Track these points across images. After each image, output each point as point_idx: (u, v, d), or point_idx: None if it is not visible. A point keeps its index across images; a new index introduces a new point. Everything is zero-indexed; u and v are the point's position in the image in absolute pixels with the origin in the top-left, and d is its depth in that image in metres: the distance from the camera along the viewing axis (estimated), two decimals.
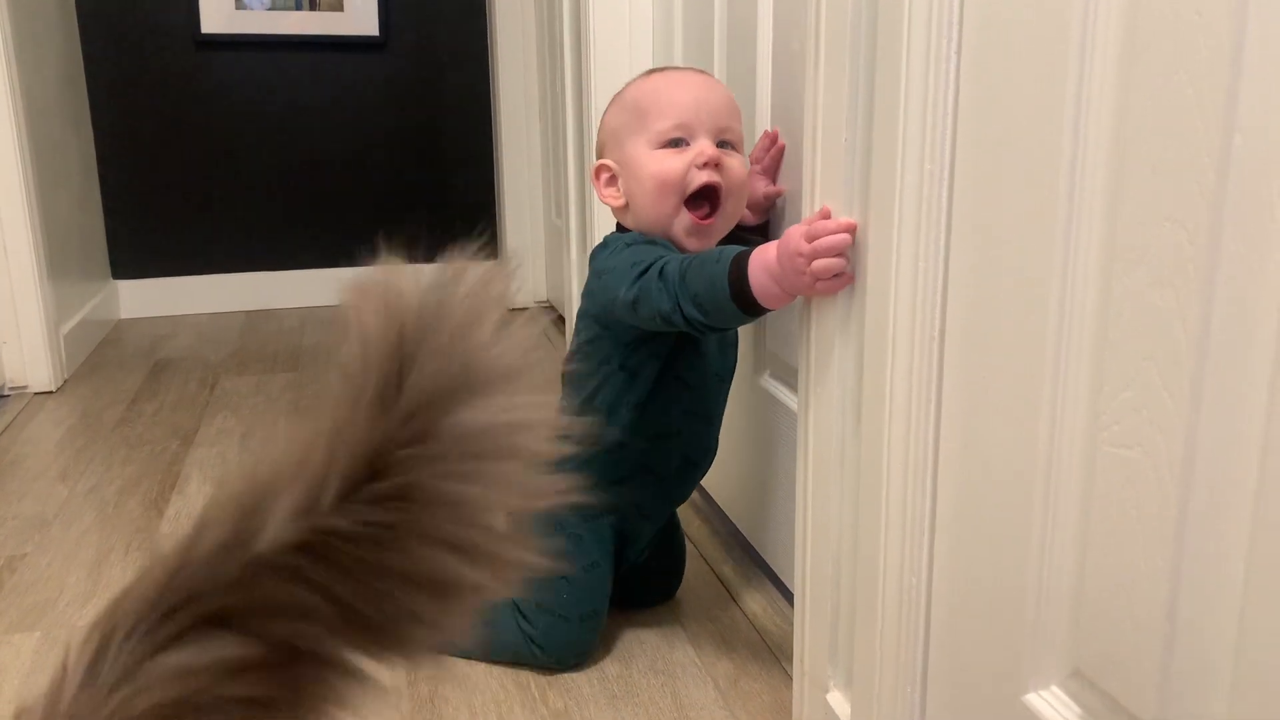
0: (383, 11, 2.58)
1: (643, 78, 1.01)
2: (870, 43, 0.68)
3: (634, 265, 0.90)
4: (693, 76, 0.99)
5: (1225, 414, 0.45)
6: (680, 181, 0.94)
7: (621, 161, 0.98)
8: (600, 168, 1.01)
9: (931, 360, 0.65)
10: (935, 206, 0.63)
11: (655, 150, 0.95)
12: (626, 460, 1.01)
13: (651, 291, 0.87)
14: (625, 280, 0.89)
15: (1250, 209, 0.43)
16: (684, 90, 0.97)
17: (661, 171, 0.94)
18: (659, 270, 0.87)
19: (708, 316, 0.85)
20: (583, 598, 1.01)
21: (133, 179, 2.56)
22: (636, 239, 0.96)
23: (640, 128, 0.97)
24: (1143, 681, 0.51)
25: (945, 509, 0.66)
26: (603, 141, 1.02)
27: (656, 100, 0.97)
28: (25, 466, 1.59)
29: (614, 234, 1.01)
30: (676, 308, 0.85)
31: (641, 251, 0.92)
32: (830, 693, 0.83)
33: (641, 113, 0.97)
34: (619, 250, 0.95)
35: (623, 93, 1.01)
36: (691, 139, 0.95)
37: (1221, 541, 0.46)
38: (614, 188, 1.00)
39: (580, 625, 1.01)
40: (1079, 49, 0.51)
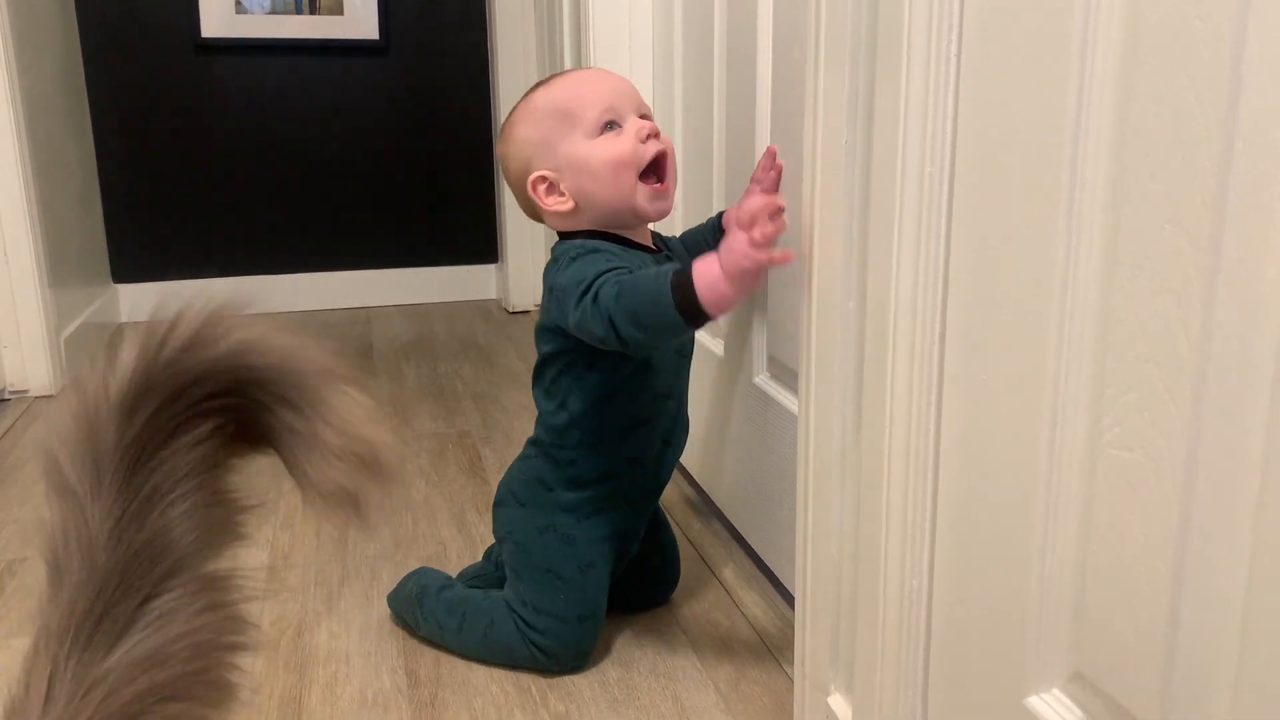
0: (383, 15, 2.58)
1: (541, 90, 1.02)
2: (870, 45, 0.69)
3: (578, 284, 0.91)
4: (590, 71, 1.04)
5: (1227, 417, 0.45)
6: (633, 158, 0.97)
7: (561, 163, 0.99)
8: (536, 180, 1.00)
9: (932, 363, 0.65)
10: (935, 210, 0.63)
11: (595, 140, 0.98)
12: (610, 455, 1.02)
13: (590, 318, 0.89)
14: (571, 299, 0.91)
15: (1251, 213, 0.43)
16: (595, 82, 1.01)
17: (613, 154, 0.97)
18: (594, 295, 0.89)
19: (646, 333, 0.87)
20: (580, 599, 1.02)
21: (133, 183, 2.56)
22: (581, 249, 0.96)
23: (570, 126, 0.98)
24: (1144, 684, 0.51)
25: (946, 512, 0.66)
26: (526, 158, 1.01)
27: (575, 97, 0.99)
28: (25, 470, 1.59)
29: (559, 244, 1.01)
30: (611, 329, 0.87)
31: (585, 266, 0.93)
32: (831, 695, 0.83)
33: (565, 113, 0.98)
34: (565, 266, 0.95)
35: (528, 108, 1.02)
36: (622, 121, 0.99)
37: (1223, 544, 0.46)
38: (557, 194, 1.00)
39: (580, 626, 1.02)
40: (1080, 53, 0.51)
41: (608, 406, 1.00)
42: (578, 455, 1.02)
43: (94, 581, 0.38)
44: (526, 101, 1.03)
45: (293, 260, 2.70)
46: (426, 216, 2.76)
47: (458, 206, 2.78)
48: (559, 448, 1.02)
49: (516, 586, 1.04)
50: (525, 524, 1.04)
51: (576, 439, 1.01)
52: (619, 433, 1.02)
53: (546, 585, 1.02)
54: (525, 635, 1.01)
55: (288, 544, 1.32)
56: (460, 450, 1.66)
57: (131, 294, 2.60)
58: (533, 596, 1.02)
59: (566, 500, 1.03)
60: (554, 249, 1.01)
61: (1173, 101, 0.46)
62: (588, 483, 1.02)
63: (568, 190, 0.99)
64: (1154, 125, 0.47)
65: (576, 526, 1.02)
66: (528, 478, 1.05)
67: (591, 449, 1.02)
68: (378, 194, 2.72)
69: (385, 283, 2.75)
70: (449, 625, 1.06)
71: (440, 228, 2.78)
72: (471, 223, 2.79)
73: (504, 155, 1.05)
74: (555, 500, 1.03)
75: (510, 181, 1.06)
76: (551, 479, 1.03)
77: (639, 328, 0.86)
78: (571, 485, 1.03)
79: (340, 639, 1.10)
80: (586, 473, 1.02)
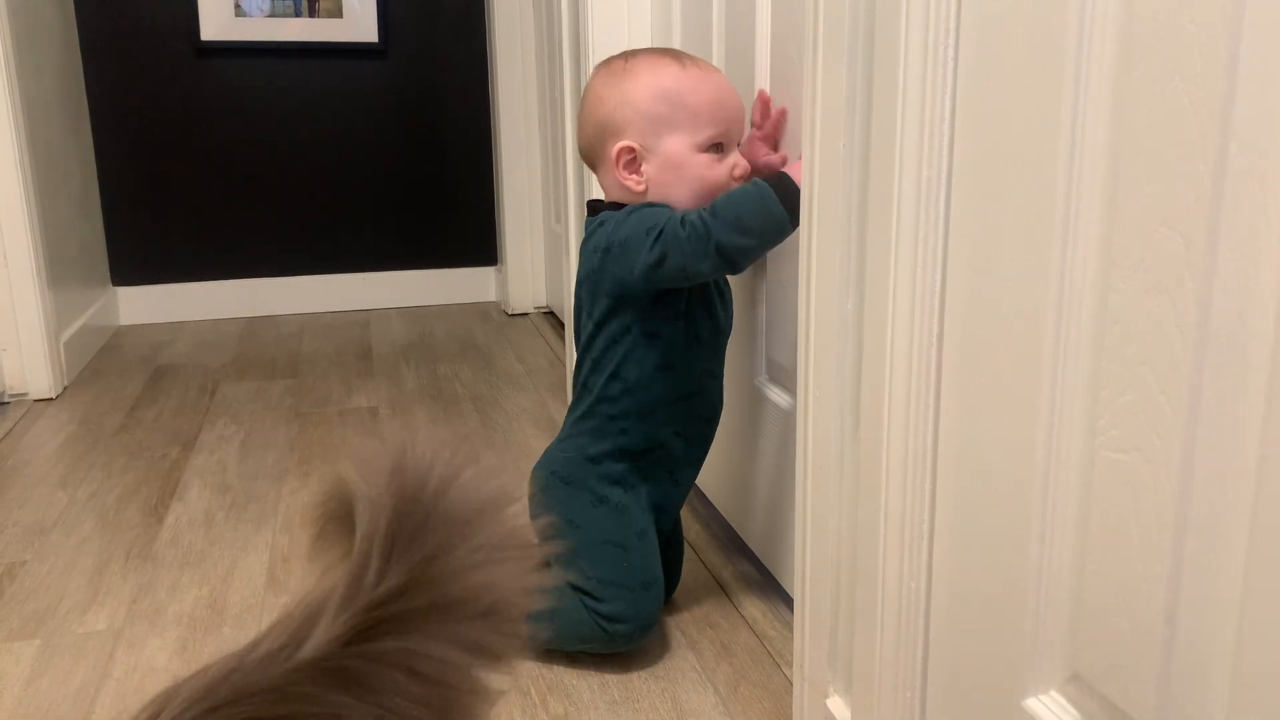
0: (382, 18, 2.59)
1: (676, 68, 0.99)
2: (868, 48, 0.69)
3: (649, 231, 0.94)
4: (719, 76, 1.02)
5: (1222, 418, 0.45)
6: (723, 189, 1.00)
7: (655, 151, 0.99)
8: (624, 149, 0.99)
9: (929, 365, 0.65)
10: (933, 211, 0.63)
11: (700, 154, 0.99)
12: (657, 426, 1.03)
13: (679, 242, 0.92)
14: (644, 245, 0.94)
15: (1246, 216, 0.43)
16: (724, 94, 1.00)
17: (711, 177, 1.00)
18: (679, 221, 0.93)
19: (751, 236, 0.92)
20: (641, 565, 1.03)
21: (132, 186, 2.56)
22: (635, 206, 0.99)
23: (686, 126, 0.99)
24: (1142, 685, 0.51)
25: (944, 514, 0.66)
26: (625, 120, 0.99)
27: (703, 101, 0.99)
28: (25, 473, 1.60)
29: (607, 211, 1.01)
30: (710, 244, 0.91)
31: (648, 216, 0.96)
32: (830, 698, 0.83)
33: (688, 110, 0.98)
34: (623, 220, 0.97)
35: (657, 75, 0.99)
36: (728, 147, 1.01)
37: (1220, 545, 0.46)
38: (635, 171, 1.00)
39: (646, 594, 1.02)
40: (1075, 56, 0.51)
41: (663, 376, 1.01)
42: (629, 425, 1.02)
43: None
44: (657, 64, 1.00)
45: (292, 263, 2.70)
46: (425, 219, 2.76)
47: (457, 209, 2.78)
48: (610, 417, 1.02)
49: (576, 565, 1.04)
50: (575, 501, 1.04)
51: (629, 406, 1.02)
52: (670, 403, 1.03)
53: (609, 556, 1.02)
54: (594, 610, 1.01)
55: (287, 547, 1.32)
56: None
57: (131, 297, 2.60)
58: (597, 570, 1.02)
59: (614, 471, 1.03)
60: (603, 214, 1.01)
61: (1167, 104, 0.46)
62: (634, 454, 1.03)
63: (647, 173, 1.00)
64: (1149, 127, 0.47)
65: (626, 496, 1.03)
66: (571, 455, 1.05)
67: (642, 419, 1.02)
68: (377, 196, 2.72)
69: (384, 285, 2.75)
70: None
71: (439, 230, 2.78)
72: (471, 225, 2.79)
73: (600, 98, 1.01)
74: (603, 472, 1.03)
75: (590, 121, 1.03)
76: (599, 452, 1.03)
77: (744, 232, 0.91)
78: (619, 455, 1.03)
79: None
80: (635, 442, 1.03)
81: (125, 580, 1.24)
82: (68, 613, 1.16)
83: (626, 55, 1.03)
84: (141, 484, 1.54)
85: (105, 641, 1.10)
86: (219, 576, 1.24)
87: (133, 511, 1.44)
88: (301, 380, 2.09)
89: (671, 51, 1.02)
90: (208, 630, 1.12)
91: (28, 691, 1.01)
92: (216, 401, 1.95)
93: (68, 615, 1.16)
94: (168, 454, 1.67)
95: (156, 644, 1.10)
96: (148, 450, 1.69)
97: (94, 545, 1.33)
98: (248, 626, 1.13)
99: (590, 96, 1.03)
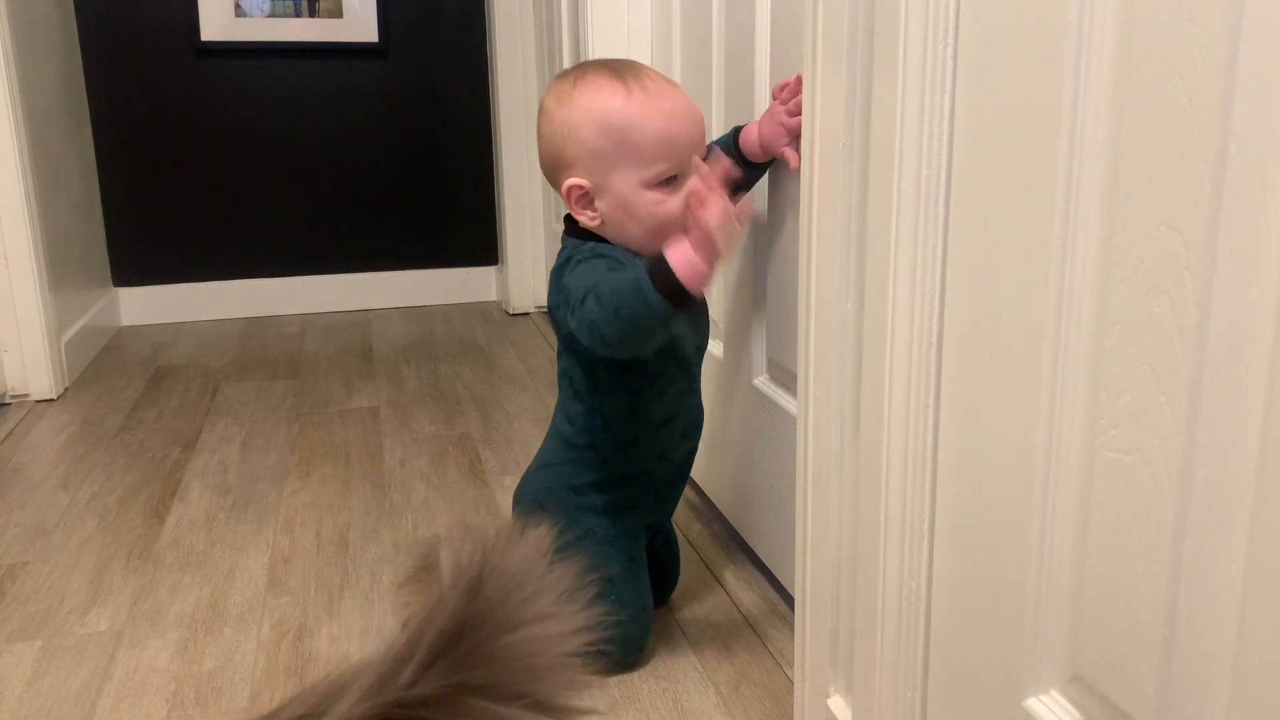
0: (382, 18, 2.59)
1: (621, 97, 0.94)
2: (867, 48, 0.69)
3: (581, 290, 0.91)
4: (675, 103, 0.95)
5: (1222, 418, 0.45)
6: (679, 222, 0.93)
7: (604, 188, 0.95)
8: (573, 186, 0.96)
9: (930, 365, 0.65)
10: (932, 211, 0.63)
11: (650, 191, 0.94)
12: (641, 453, 1.03)
13: (581, 323, 0.90)
14: (575, 307, 0.91)
15: (1245, 216, 0.43)
16: (674, 124, 0.94)
17: (662, 214, 0.95)
18: (596, 298, 0.88)
19: (629, 325, 0.87)
20: (630, 595, 1.03)
21: (133, 186, 2.56)
22: (586, 253, 0.96)
23: (632, 163, 0.94)
24: (1142, 686, 0.51)
25: (944, 514, 0.66)
26: (573, 156, 0.95)
27: (649, 138, 0.93)
28: (26, 474, 1.60)
29: (572, 243, 0.98)
30: (596, 331, 0.88)
31: (589, 272, 0.93)
32: (831, 698, 0.83)
33: (633, 147, 0.93)
34: (573, 268, 0.95)
35: (597, 109, 0.94)
36: (683, 175, 0.95)
37: (1220, 545, 0.46)
38: (589, 208, 0.97)
39: (634, 624, 1.03)
40: (1075, 56, 0.51)
41: (641, 405, 1.01)
42: (612, 455, 1.02)
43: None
44: (601, 90, 0.95)
45: (293, 263, 2.70)
46: (426, 219, 2.76)
47: (458, 208, 2.78)
48: (592, 449, 1.02)
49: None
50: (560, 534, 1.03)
51: (611, 439, 1.01)
52: (651, 430, 1.02)
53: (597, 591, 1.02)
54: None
55: (288, 547, 1.32)
56: (460, 452, 1.66)
57: (132, 297, 2.60)
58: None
59: (599, 502, 1.02)
60: (570, 248, 0.99)
61: (1167, 103, 0.46)
62: (619, 482, 1.03)
63: (601, 210, 0.96)
64: (1148, 127, 0.47)
65: (613, 527, 1.03)
66: (552, 485, 1.04)
67: (625, 449, 1.02)
68: (377, 196, 2.72)
69: (385, 285, 2.75)
70: None
71: (440, 230, 2.78)
72: (472, 225, 2.79)
73: (550, 117, 0.97)
74: (587, 504, 1.02)
75: (542, 143, 1.00)
76: (581, 484, 1.03)
77: (621, 320, 0.86)
78: (604, 487, 1.02)
79: (340, 642, 1.10)
80: (619, 473, 1.02)
81: (126, 581, 1.24)
82: (69, 614, 1.16)
83: (577, 73, 0.98)
84: (142, 485, 1.54)
85: (106, 642, 1.10)
86: (220, 577, 1.24)
87: (134, 512, 1.44)
88: (302, 381, 2.09)
89: (619, 70, 0.96)
90: (209, 631, 1.12)
91: (29, 692, 1.01)
92: (217, 402, 1.95)
93: (69, 616, 1.16)
94: (169, 455, 1.67)
95: (158, 645, 1.10)
96: (149, 451, 1.69)
97: (95, 546, 1.34)
98: (248, 627, 1.13)
99: (541, 113, 0.99)
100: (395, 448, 1.68)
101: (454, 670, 0.35)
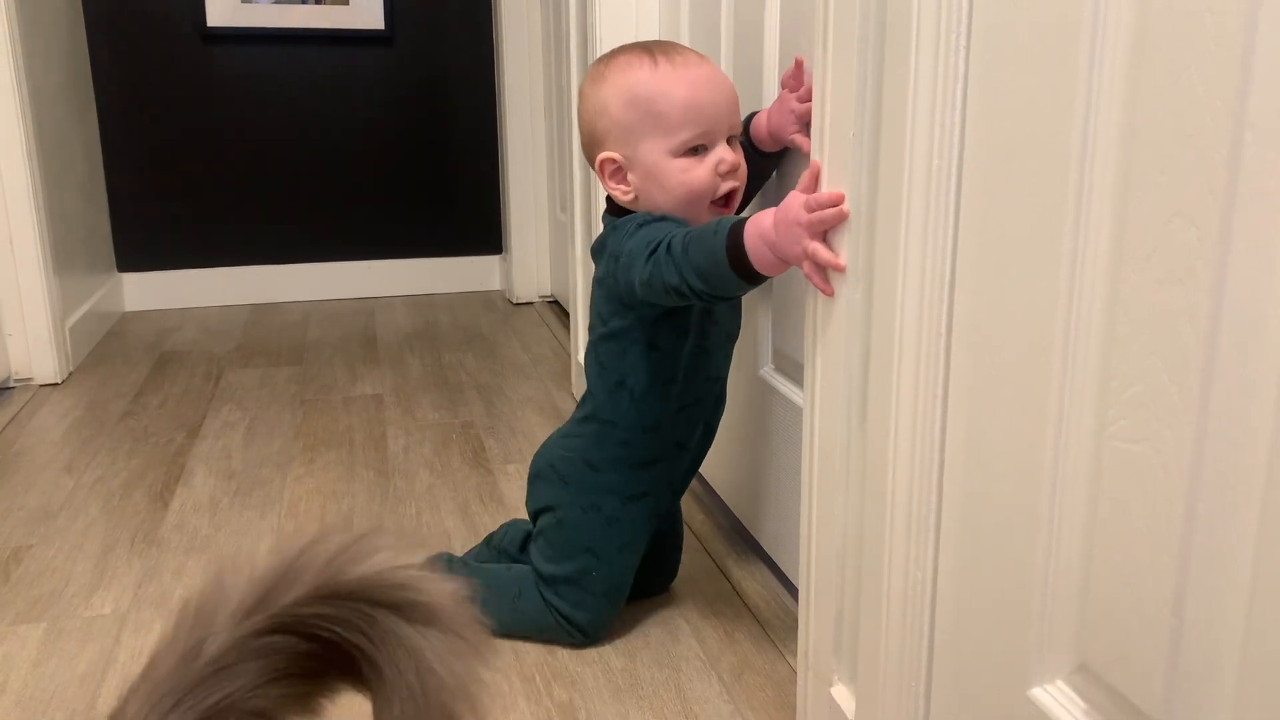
0: (388, 5, 2.58)
1: (648, 70, 0.96)
2: (879, 36, 0.68)
3: (647, 245, 0.91)
4: (702, 72, 0.97)
5: (1233, 409, 0.45)
6: (708, 191, 0.96)
7: (635, 160, 0.97)
8: (605, 160, 0.98)
9: (938, 355, 0.65)
10: (943, 201, 0.63)
11: (677, 159, 0.95)
12: (661, 438, 1.03)
13: (662, 268, 0.89)
14: (639, 260, 0.91)
15: (1260, 206, 0.43)
16: (700, 92, 0.95)
17: (690, 181, 0.96)
18: (666, 246, 0.89)
19: (711, 287, 0.87)
20: (611, 575, 1.04)
21: (138, 172, 2.56)
22: (648, 218, 0.96)
23: (658, 132, 0.95)
24: (1149, 676, 0.51)
25: (951, 503, 0.66)
26: (604, 131, 0.98)
27: (673, 104, 0.94)
28: (31, 458, 1.60)
29: (624, 217, 0.99)
30: (683, 280, 0.87)
31: (653, 230, 0.93)
32: (835, 686, 0.83)
33: (658, 116, 0.95)
34: (633, 232, 0.95)
35: (627, 82, 0.96)
36: (712, 144, 0.96)
37: (1228, 536, 0.46)
38: (622, 181, 0.99)
39: (606, 601, 1.04)
40: (1089, 45, 0.51)
41: (667, 388, 1.01)
42: (632, 438, 1.02)
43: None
44: (629, 65, 0.97)
45: (297, 250, 2.70)
46: (431, 207, 2.76)
47: (462, 197, 2.77)
48: (614, 428, 1.02)
49: (549, 558, 1.05)
50: (568, 501, 1.04)
51: (634, 420, 1.01)
52: (673, 414, 1.02)
53: (582, 563, 1.03)
54: (553, 606, 1.03)
55: (292, 533, 1.32)
56: (464, 441, 1.66)
57: (136, 283, 2.60)
58: (566, 571, 1.03)
59: (614, 482, 1.03)
60: (617, 220, 0.99)
61: (1181, 92, 0.46)
62: (637, 466, 1.03)
63: (633, 183, 0.98)
64: (1162, 117, 0.47)
65: (622, 509, 1.03)
66: (572, 455, 1.04)
67: (647, 432, 1.02)
68: (382, 184, 2.72)
69: (390, 273, 2.75)
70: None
71: (444, 218, 2.78)
72: (476, 213, 2.79)
73: (585, 100, 1.00)
74: (602, 481, 1.03)
75: (581, 125, 1.02)
76: (600, 460, 1.03)
77: (705, 282, 0.86)
78: (621, 467, 1.03)
79: None
80: (638, 456, 1.03)
81: (131, 565, 1.24)
82: (74, 596, 1.17)
83: (609, 55, 1.00)
84: (147, 469, 1.54)
85: (111, 625, 1.11)
86: None
87: (138, 496, 1.44)
88: (306, 367, 2.09)
89: (650, 47, 0.98)
90: None
91: (34, 674, 1.02)
92: (222, 388, 1.96)
93: (74, 599, 1.16)
94: (173, 440, 1.67)
95: (161, 628, 1.10)
96: (153, 436, 1.69)
97: (100, 530, 1.34)
98: None
99: (580, 98, 1.02)
100: (399, 435, 1.69)
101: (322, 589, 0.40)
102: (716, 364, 1.05)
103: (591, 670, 1.02)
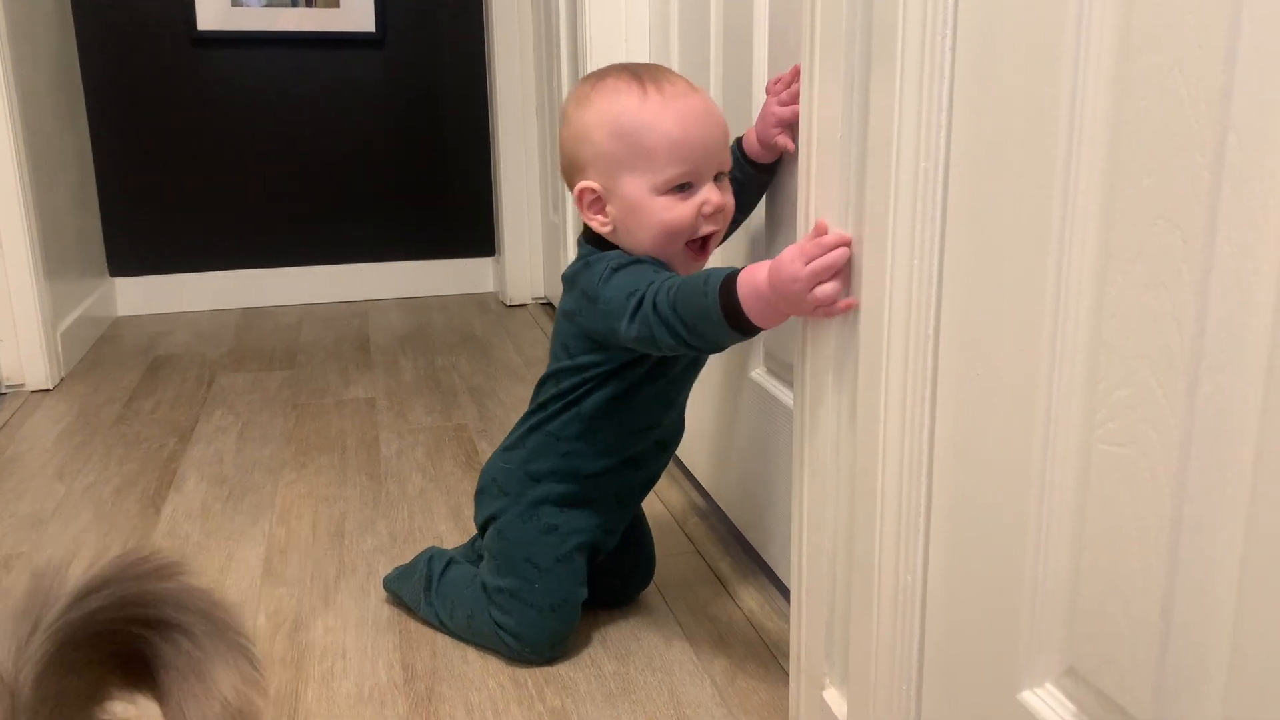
0: (379, 8, 2.57)
1: (635, 95, 0.92)
2: (865, 40, 0.68)
3: (629, 296, 0.88)
4: (693, 104, 0.92)
5: (1219, 412, 0.45)
6: (687, 230, 0.93)
7: (615, 193, 0.93)
8: (585, 189, 0.95)
9: (926, 358, 0.65)
10: (930, 204, 0.63)
11: (660, 197, 0.92)
12: (610, 454, 1.02)
13: (652, 327, 0.86)
14: (624, 314, 0.88)
15: (1244, 209, 0.43)
16: (689, 128, 0.91)
17: (670, 221, 0.92)
18: (652, 304, 0.86)
19: (708, 344, 0.86)
20: (553, 588, 1.02)
21: (129, 176, 2.55)
22: (622, 260, 0.93)
23: (641, 166, 0.91)
24: (1137, 679, 0.51)
25: (940, 506, 0.66)
26: (586, 159, 0.94)
27: (660, 140, 0.90)
28: (22, 464, 1.59)
29: (595, 253, 0.96)
30: (681, 342, 0.85)
31: (630, 278, 0.90)
32: (827, 690, 0.83)
33: (643, 150, 0.91)
34: (608, 277, 0.91)
35: (613, 110, 0.92)
36: (698, 184, 0.92)
37: (1216, 539, 0.46)
38: (600, 212, 0.95)
39: (551, 615, 1.01)
40: (1074, 48, 0.51)
41: (619, 412, 1.00)
42: (575, 449, 1.01)
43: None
44: (617, 92, 0.93)
45: (289, 253, 2.69)
46: (423, 209, 2.76)
47: (455, 199, 2.77)
48: (557, 440, 1.02)
49: (492, 570, 1.04)
50: (507, 511, 1.04)
51: (579, 435, 1.01)
52: (622, 436, 1.01)
53: (522, 574, 1.02)
54: (497, 620, 1.02)
55: (284, 538, 1.32)
56: (457, 444, 1.66)
57: (128, 287, 2.59)
58: (507, 584, 1.02)
59: (555, 492, 1.02)
60: (588, 254, 0.97)
61: (1166, 95, 0.46)
62: (580, 477, 1.02)
63: (611, 215, 0.94)
64: (1147, 119, 0.47)
65: (560, 516, 1.02)
66: (512, 467, 1.04)
67: (592, 447, 1.01)
68: (374, 187, 2.71)
69: (382, 276, 2.75)
70: (444, 614, 1.08)
71: (437, 221, 2.77)
72: (469, 216, 2.78)
73: (567, 121, 0.97)
74: (543, 491, 1.02)
75: (561, 145, 0.99)
76: (540, 470, 1.02)
77: (698, 336, 0.84)
78: (563, 478, 1.02)
79: (336, 633, 1.10)
80: (582, 467, 1.02)
81: None
82: None
83: (598, 75, 0.96)
84: (139, 475, 1.54)
85: None
86: (216, 568, 1.24)
87: (130, 502, 1.44)
88: (299, 371, 2.09)
89: (639, 72, 0.94)
90: None
91: None
92: (214, 392, 1.95)
93: None
94: (165, 445, 1.67)
95: None
96: (145, 441, 1.68)
97: (91, 536, 1.33)
98: (244, 618, 1.13)
99: (562, 119, 0.98)
100: (392, 439, 1.68)
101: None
102: (678, 389, 1.03)
103: (584, 675, 1.01)
